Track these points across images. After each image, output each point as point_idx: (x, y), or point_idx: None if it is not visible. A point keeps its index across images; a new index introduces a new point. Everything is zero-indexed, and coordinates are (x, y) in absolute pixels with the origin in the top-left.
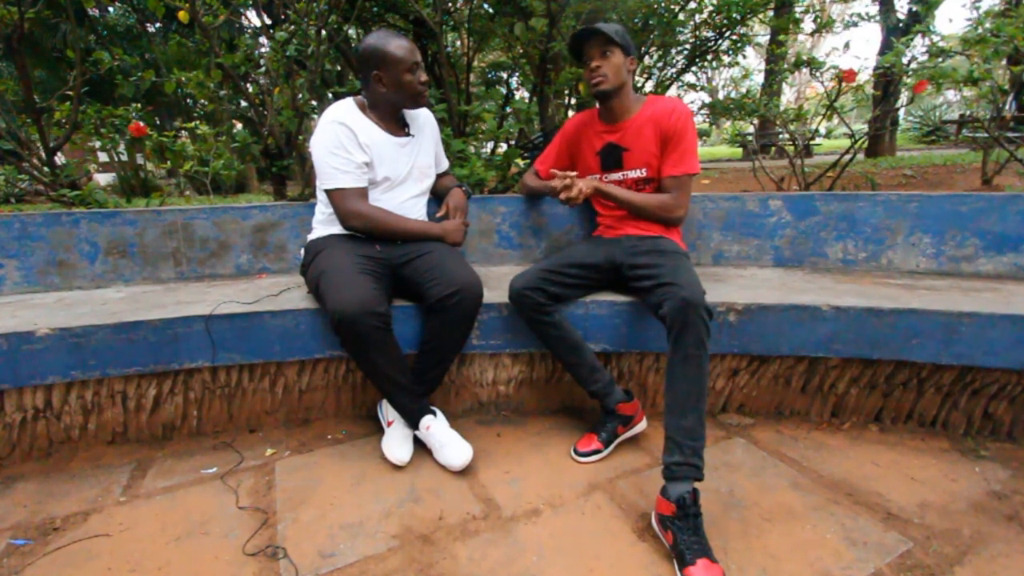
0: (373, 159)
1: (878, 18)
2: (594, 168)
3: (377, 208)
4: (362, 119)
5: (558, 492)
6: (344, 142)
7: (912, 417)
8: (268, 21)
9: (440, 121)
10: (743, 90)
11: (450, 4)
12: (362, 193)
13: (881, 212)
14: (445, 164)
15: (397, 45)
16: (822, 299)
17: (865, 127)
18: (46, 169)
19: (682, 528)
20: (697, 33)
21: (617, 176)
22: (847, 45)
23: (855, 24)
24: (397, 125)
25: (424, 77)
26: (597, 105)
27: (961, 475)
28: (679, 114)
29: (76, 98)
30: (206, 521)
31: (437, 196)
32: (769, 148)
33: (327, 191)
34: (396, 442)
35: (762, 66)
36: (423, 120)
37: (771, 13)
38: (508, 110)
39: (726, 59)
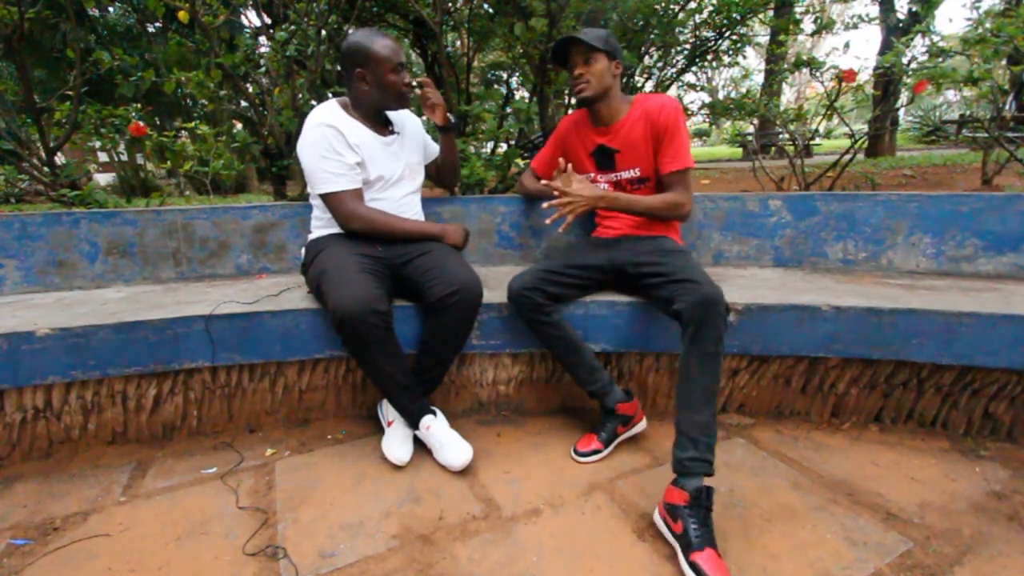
0: (364, 159)
1: (878, 20)
2: (589, 168)
3: (376, 210)
4: (348, 119)
5: (558, 492)
6: (334, 144)
7: (912, 417)
8: (268, 21)
9: None
10: (743, 90)
11: (450, 4)
12: (358, 194)
13: (881, 212)
14: (436, 147)
15: (382, 44)
16: (822, 299)
17: (865, 127)
18: (46, 169)
19: (694, 517)
20: (697, 33)
21: (611, 177)
22: (847, 45)
23: (855, 26)
24: (381, 124)
25: (408, 78)
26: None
27: (961, 475)
28: (669, 110)
29: (76, 98)
30: (206, 521)
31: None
32: (769, 148)
33: (323, 196)
34: (396, 442)
35: (762, 66)
36: (404, 118)
37: (771, 13)
38: (508, 110)
39: (726, 59)
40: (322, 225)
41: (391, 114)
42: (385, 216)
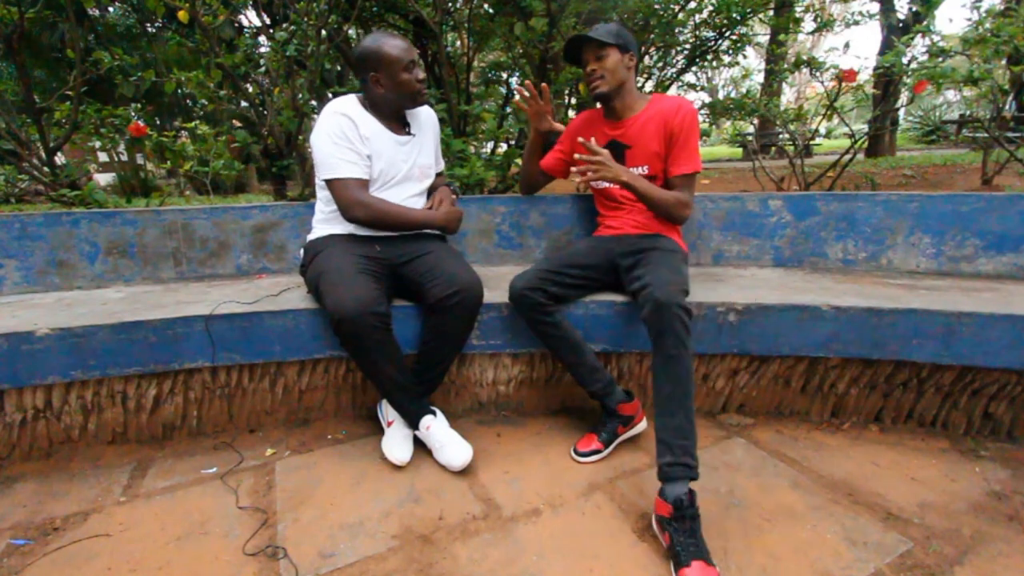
0: (372, 153)
1: (878, 18)
2: None
3: (379, 199)
4: (364, 114)
5: (558, 492)
6: (347, 132)
7: (912, 417)
8: (268, 21)
9: (440, 121)
10: (743, 90)
11: (450, 4)
12: (364, 184)
13: (881, 212)
14: (441, 165)
15: (392, 45)
16: (822, 299)
17: (865, 127)
18: (46, 169)
19: (679, 530)
20: (697, 33)
21: None
22: (847, 45)
23: (855, 23)
24: (398, 124)
25: (422, 75)
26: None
27: (961, 475)
28: (685, 112)
29: (76, 98)
30: (206, 521)
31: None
32: (769, 148)
33: (329, 181)
34: (396, 442)
35: (762, 66)
36: (424, 118)
37: (771, 13)
38: (508, 110)
39: (726, 59)
40: (323, 219)
41: (410, 113)
42: (386, 204)
